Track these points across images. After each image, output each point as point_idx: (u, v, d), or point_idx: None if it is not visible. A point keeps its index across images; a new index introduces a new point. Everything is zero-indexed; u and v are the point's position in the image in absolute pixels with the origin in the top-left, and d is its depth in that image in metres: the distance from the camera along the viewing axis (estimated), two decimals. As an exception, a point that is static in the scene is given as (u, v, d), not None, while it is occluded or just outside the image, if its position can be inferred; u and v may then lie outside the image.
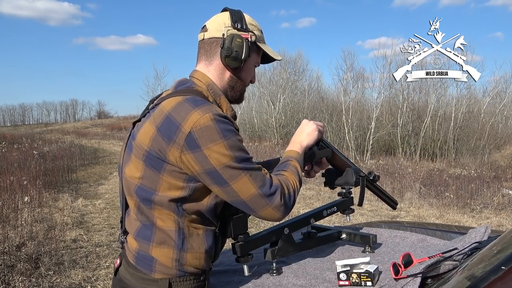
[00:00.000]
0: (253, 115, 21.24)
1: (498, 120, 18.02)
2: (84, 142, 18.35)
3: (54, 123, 65.99)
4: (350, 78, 17.95)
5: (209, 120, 0.95)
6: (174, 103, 1.00)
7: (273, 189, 1.01)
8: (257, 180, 1.00)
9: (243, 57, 1.09)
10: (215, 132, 0.95)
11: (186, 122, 0.95)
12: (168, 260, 1.01)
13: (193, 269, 1.04)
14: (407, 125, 17.14)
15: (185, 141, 0.95)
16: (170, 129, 0.97)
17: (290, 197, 1.05)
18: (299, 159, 1.16)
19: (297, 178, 1.10)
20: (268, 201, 1.00)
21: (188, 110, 0.97)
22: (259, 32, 1.15)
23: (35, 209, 5.28)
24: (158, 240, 1.02)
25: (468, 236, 1.34)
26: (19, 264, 3.39)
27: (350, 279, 1.15)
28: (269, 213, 1.01)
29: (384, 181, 8.70)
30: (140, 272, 1.03)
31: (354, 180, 1.42)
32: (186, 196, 1.00)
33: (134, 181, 1.02)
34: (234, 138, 0.98)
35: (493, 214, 6.43)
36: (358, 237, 1.48)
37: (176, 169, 0.98)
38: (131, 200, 1.06)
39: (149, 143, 0.99)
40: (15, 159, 9.46)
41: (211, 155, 0.95)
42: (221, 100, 1.11)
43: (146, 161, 1.00)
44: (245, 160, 1.00)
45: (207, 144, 0.95)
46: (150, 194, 1.00)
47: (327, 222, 4.70)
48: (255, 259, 1.31)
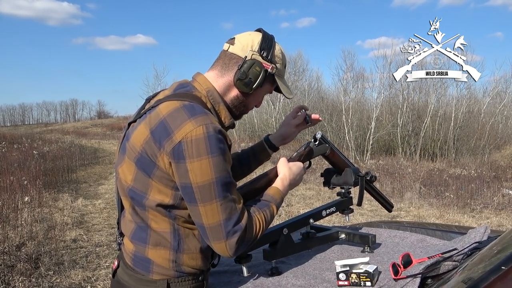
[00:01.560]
0: (253, 115, 21.23)
1: (498, 120, 18.01)
2: (84, 142, 18.35)
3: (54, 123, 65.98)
4: (350, 78, 17.96)
5: (201, 133, 0.93)
6: (171, 108, 0.98)
7: (236, 228, 0.97)
8: (225, 211, 0.95)
9: (255, 86, 1.08)
10: (204, 147, 0.92)
11: (179, 131, 0.93)
12: (165, 261, 1.01)
13: (191, 269, 1.04)
14: (407, 125, 17.14)
15: (172, 149, 0.93)
16: (162, 135, 0.95)
17: (247, 243, 1.01)
18: (279, 203, 1.13)
19: (264, 226, 1.06)
20: (225, 236, 0.96)
21: (184, 119, 0.94)
22: (282, 66, 1.14)
23: (35, 209, 5.28)
24: (154, 242, 1.01)
25: (468, 236, 1.34)
26: (19, 264, 3.39)
27: (349, 279, 1.15)
28: (221, 247, 0.97)
29: (384, 181, 8.70)
30: (138, 273, 1.03)
31: (353, 180, 1.42)
32: (174, 204, 0.99)
33: (127, 183, 1.02)
34: (222, 158, 0.95)
35: (493, 214, 6.43)
36: (357, 237, 1.48)
37: (165, 176, 0.97)
38: (125, 201, 1.06)
39: (142, 146, 0.98)
40: (15, 159, 9.46)
41: (193, 170, 0.92)
42: (220, 107, 1.08)
43: (137, 164, 0.99)
44: (224, 184, 0.96)
45: (192, 157, 0.92)
46: (141, 197, 1.00)
47: (327, 222, 4.70)
48: (254, 259, 1.31)
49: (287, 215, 5.84)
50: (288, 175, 1.17)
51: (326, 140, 1.38)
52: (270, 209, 1.09)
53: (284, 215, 5.80)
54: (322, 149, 1.37)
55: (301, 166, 1.23)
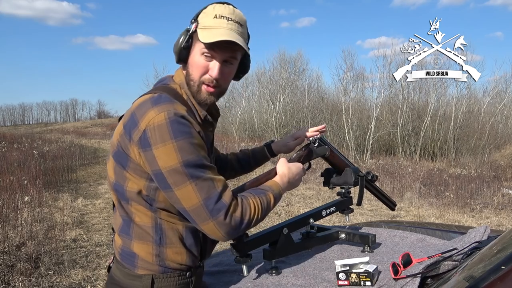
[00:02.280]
0: (253, 115, 21.24)
1: (498, 120, 18.02)
2: (84, 142, 18.34)
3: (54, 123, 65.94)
4: (350, 77, 17.99)
5: (163, 119, 0.93)
6: (140, 101, 1.00)
7: (219, 205, 0.95)
8: (202, 190, 0.94)
9: (176, 49, 1.05)
10: (166, 132, 0.93)
11: (143, 120, 0.95)
12: (149, 256, 1.02)
13: (176, 264, 1.03)
14: (407, 124, 17.15)
15: (139, 139, 0.95)
16: (132, 127, 0.97)
17: (241, 222, 0.98)
18: (277, 195, 1.11)
19: (261, 210, 1.04)
20: (210, 215, 0.94)
21: (147, 108, 0.96)
22: (207, 18, 1.02)
23: (35, 209, 5.28)
24: (137, 235, 1.03)
25: (468, 236, 1.34)
26: (19, 264, 3.39)
27: (349, 279, 1.15)
28: (210, 228, 0.96)
29: (384, 181, 8.70)
30: (126, 268, 1.04)
31: (353, 179, 1.42)
32: (149, 195, 1.00)
33: (112, 178, 1.04)
34: (187, 141, 0.94)
35: (493, 214, 6.43)
36: (357, 237, 1.48)
37: (138, 167, 0.98)
38: (113, 196, 1.08)
39: (118, 140, 1.01)
40: (15, 158, 9.46)
41: (159, 155, 0.93)
42: (193, 99, 1.08)
43: (115, 158, 1.02)
44: (195, 166, 0.94)
45: (157, 144, 0.93)
46: (123, 190, 1.02)
47: (327, 222, 4.70)
48: (254, 259, 1.31)
49: (287, 214, 5.84)
50: (287, 174, 1.17)
51: (325, 142, 1.39)
52: (266, 196, 1.08)
53: (284, 215, 5.80)
54: (322, 151, 1.37)
55: (301, 166, 1.23)
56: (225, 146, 13.54)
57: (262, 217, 1.05)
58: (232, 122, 21.70)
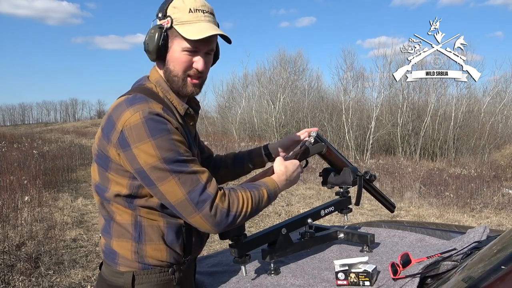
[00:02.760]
0: (253, 115, 21.23)
1: (498, 120, 18.01)
2: (84, 142, 18.33)
3: (54, 123, 65.99)
4: (350, 77, 17.98)
5: (138, 119, 0.95)
6: (116, 104, 1.02)
7: (203, 197, 0.95)
8: (186, 184, 0.95)
9: (152, 48, 1.03)
10: (143, 131, 0.94)
11: (119, 121, 0.97)
12: (128, 253, 1.03)
13: (156, 261, 1.04)
14: (407, 124, 17.14)
15: (117, 140, 0.97)
16: (109, 129, 0.99)
17: (228, 214, 0.98)
18: (272, 192, 1.10)
19: (251, 204, 1.03)
20: (195, 208, 0.95)
21: (122, 109, 0.97)
22: (182, 13, 1.02)
23: (35, 209, 5.28)
24: (117, 233, 1.04)
25: (467, 236, 1.34)
26: (19, 264, 3.39)
27: (348, 279, 1.15)
28: (198, 221, 0.96)
29: (384, 181, 8.70)
30: (110, 266, 1.06)
31: (351, 179, 1.42)
32: (132, 193, 1.01)
33: (95, 181, 1.07)
34: (164, 138, 0.95)
35: (493, 214, 6.43)
36: (356, 237, 1.48)
37: (119, 167, 1.00)
38: (96, 198, 1.09)
39: (97, 144, 1.03)
40: (15, 158, 9.46)
41: (139, 154, 0.95)
42: (171, 96, 1.08)
43: (97, 161, 1.05)
44: (175, 161, 0.95)
45: (135, 143, 0.95)
46: (104, 191, 1.03)
47: (326, 221, 4.70)
48: (253, 259, 1.31)
49: (287, 214, 5.84)
50: (284, 171, 1.17)
51: (322, 139, 1.38)
52: (259, 191, 1.07)
53: (284, 215, 5.80)
54: (318, 148, 1.36)
55: (297, 163, 1.22)
56: (225, 146, 13.54)
57: (253, 210, 1.04)
58: (232, 122, 21.69)
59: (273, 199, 1.12)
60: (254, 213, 1.06)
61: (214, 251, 3.75)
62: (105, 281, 1.07)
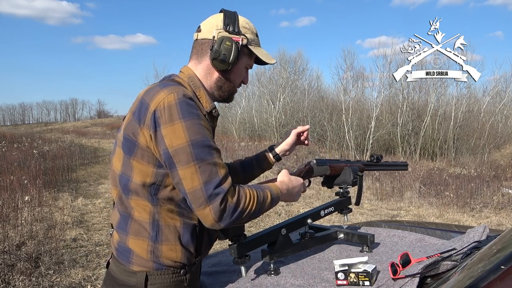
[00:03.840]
0: (253, 114, 21.23)
1: (498, 120, 18.01)
2: (84, 142, 18.34)
3: (54, 123, 65.97)
4: (350, 77, 18.00)
5: (172, 100, 0.97)
6: (147, 89, 1.04)
7: (217, 191, 0.96)
8: (204, 174, 0.96)
9: (231, 60, 1.09)
10: (175, 112, 0.96)
11: (153, 102, 0.98)
12: (144, 252, 1.03)
13: (170, 262, 1.04)
14: (407, 124, 17.14)
15: (151, 120, 0.97)
16: (141, 111, 0.99)
17: (235, 209, 0.99)
18: (275, 196, 1.12)
19: (256, 202, 1.04)
20: (208, 200, 0.95)
21: (156, 91, 1.00)
22: (253, 35, 1.15)
23: (35, 208, 5.28)
24: (134, 231, 1.03)
25: (467, 236, 1.34)
26: (19, 263, 3.39)
27: (348, 279, 1.15)
28: (205, 213, 0.96)
29: (384, 181, 8.70)
30: (122, 264, 1.05)
31: (351, 179, 1.42)
32: (156, 182, 1.01)
33: (118, 170, 1.05)
34: (195, 122, 0.97)
35: (493, 213, 6.43)
36: (356, 237, 1.48)
37: (146, 152, 1.00)
38: (115, 191, 1.08)
39: (125, 129, 1.03)
40: (15, 158, 9.45)
41: (167, 135, 0.96)
42: (201, 92, 1.11)
43: (123, 148, 1.03)
44: (202, 146, 0.97)
45: (166, 123, 0.96)
46: (127, 180, 1.02)
47: (326, 221, 4.70)
48: (253, 259, 1.31)
49: (287, 214, 5.84)
50: (287, 182, 1.20)
51: (323, 162, 1.41)
52: (264, 192, 1.09)
53: (284, 215, 5.81)
54: (322, 170, 1.40)
55: (301, 181, 1.25)
56: (225, 145, 13.53)
57: (256, 210, 1.05)
58: (232, 121, 21.69)
59: (275, 203, 1.13)
60: (257, 213, 1.06)
61: (214, 251, 3.75)
62: (115, 280, 1.06)
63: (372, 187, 8.33)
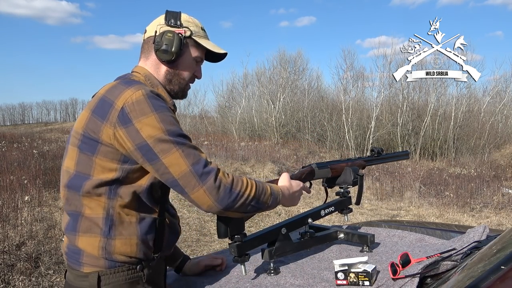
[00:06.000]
0: (253, 114, 21.23)
1: (498, 119, 18.00)
2: (84, 141, 18.33)
3: (54, 122, 65.86)
4: (350, 77, 17.99)
5: (141, 95, 0.98)
6: (108, 87, 1.04)
7: (207, 169, 0.97)
8: (189, 157, 0.97)
9: (173, 50, 1.10)
10: (146, 106, 0.97)
11: (119, 99, 0.98)
12: (95, 249, 1.00)
13: (124, 257, 1.01)
14: (407, 124, 17.14)
15: (117, 117, 0.97)
16: (104, 109, 0.99)
17: (231, 190, 0.99)
18: (275, 193, 1.12)
19: (255, 191, 1.04)
20: (200, 180, 0.95)
21: (122, 89, 1.00)
22: (197, 28, 1.17)
23: (35, 208, 5.28)
24: (84, 228, 1.01)
25: (467, 235, 1.34)
26: (19, 263, 3.39)
27: (348, 279, 1.15)
28: (200, 196, 0.96)
29: (384, 180, 8.70)
30: (74, 270, 1.02)
31: (352, 179, 1.42)
32: (119, 177, 1.00)
33: (70, 171, 1.03)
34: (167, 113, 0.99)
35: (493, 213, 6.43)
36: (356, 237, 1.48)
37: (110, 149, 0.99)
38: (63, 193, 1.06)
39: (83, 127, 1.02)
40: (15, 158, 9.45)
41: (143, 128, 0.96)
42: (159, 90, 1.12)
43: (80, 146, 1.02)
44: (179, 135, 0.98)
45: (138, 117, 0.96)
46: (84, 179, 1.00)
47: (326, 221, 4.70)
48: (253, 259, 1.31)
49: (287, 214, 5.84)
50: (287, 186, 1.21)
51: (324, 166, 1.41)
52: (263, 185, 1.10)
53: (284, 214, 5.81)
54: (324, 173, 1.40)
55: (301, 184, 1.25)
56: (225, 145, 13.53)
57: (256, 197, 1.04)
58: (232, 121, 21.68)
59: (275, 201, 1.12)
60: (257, 203, 1.06)
61: (214, 251, 3.75)
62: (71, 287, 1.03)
63: (372, 187, 8.33)
